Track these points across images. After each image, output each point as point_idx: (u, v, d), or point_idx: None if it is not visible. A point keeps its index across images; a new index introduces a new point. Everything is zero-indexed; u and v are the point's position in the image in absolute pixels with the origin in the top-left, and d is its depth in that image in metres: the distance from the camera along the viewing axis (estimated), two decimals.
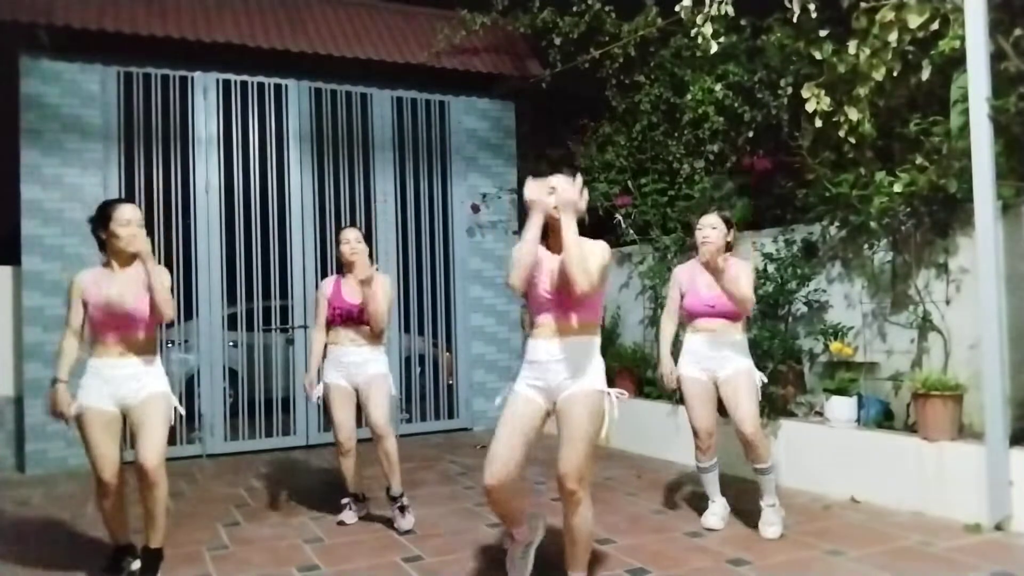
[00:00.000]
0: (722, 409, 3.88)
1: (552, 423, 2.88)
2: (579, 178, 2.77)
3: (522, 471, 2.84)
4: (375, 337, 4.08)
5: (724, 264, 3.56)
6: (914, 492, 4.06)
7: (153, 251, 3.26)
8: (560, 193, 2.73)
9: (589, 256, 2.71)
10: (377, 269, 4.03)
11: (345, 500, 4.19)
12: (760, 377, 3.82)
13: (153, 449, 3.11)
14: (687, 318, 3.96)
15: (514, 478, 2.80)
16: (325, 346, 4.13)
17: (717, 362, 3.80)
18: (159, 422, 3.17)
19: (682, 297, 3.96)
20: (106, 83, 5.97)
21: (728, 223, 3.76)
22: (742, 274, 3.65)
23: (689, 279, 3.94)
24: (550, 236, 2.84)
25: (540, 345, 2.82)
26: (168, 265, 5.50)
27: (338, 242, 4.11)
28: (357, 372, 4.04)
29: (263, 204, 6.45)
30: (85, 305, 3.19)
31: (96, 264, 3.33)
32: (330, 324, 4.10)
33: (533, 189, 2.75)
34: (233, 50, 6.19)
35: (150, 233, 3.40)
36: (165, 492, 3.18)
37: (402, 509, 3.99)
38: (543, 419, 2.87)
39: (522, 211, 7.16)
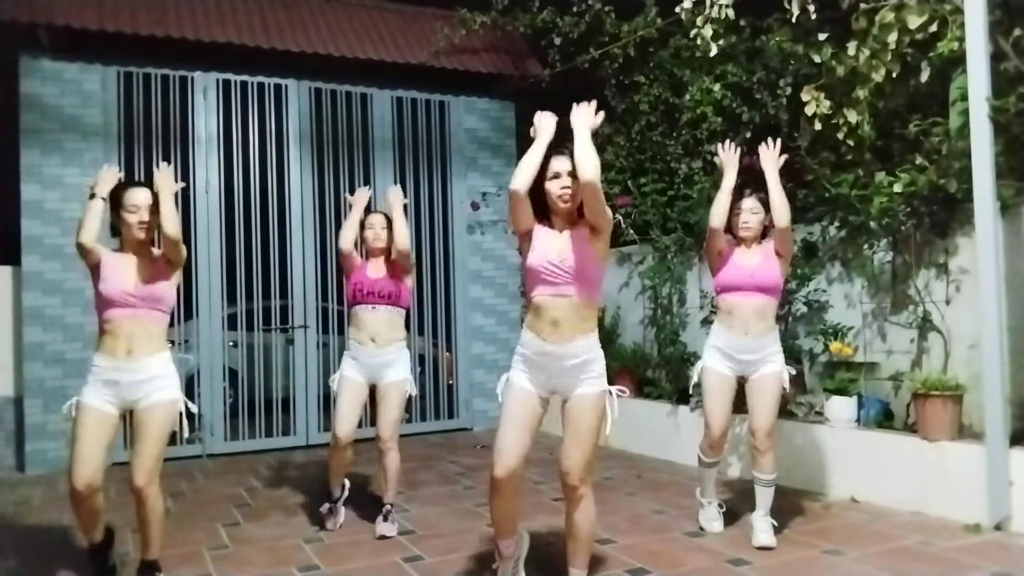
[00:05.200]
0: (738, 406, 3.79)
1: (549, 421, 2.89)
2: (593, 103, 2.75)
3: (526, 464, 2.84)
4: (396, 327, 3.95)
5: (759, 247, 3.67)
6: (914, 492, 4.06)
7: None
8: (574, 112, 2.71)
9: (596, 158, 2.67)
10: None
11: (324, 507, 4.09)
12: (789, 372, 3.69)
13: (145, 466, 3.00)
14: (721, 295, 3.77)
15: (522, 470, 2.81)
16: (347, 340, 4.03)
17: (750, 360, 3.65)
18: (157, 436, 3.05)
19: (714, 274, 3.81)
20: (106, 83, 5.97)
21: (766, 205, 3.69)
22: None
23: (726, 254, 3.78)
24: (552, 216, 2.84)
25: (542, 334, 2.77)
26: None
27: (363, 227, 4.02)
28: (377, 372, 3.94)
29: (263, 204, 6.44)
30: (98, 269, 3.10)
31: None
32: (352, 305, 3.99)
33: (544, 118, 2.77)
34: (233, 50, 6.18)
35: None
36: (159, 509, 3.07)
37: (386, 516, 3.94)
38: (544, 408, 2.87)
39: None
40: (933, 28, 4.26)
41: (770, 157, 3.69)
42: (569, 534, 2.89)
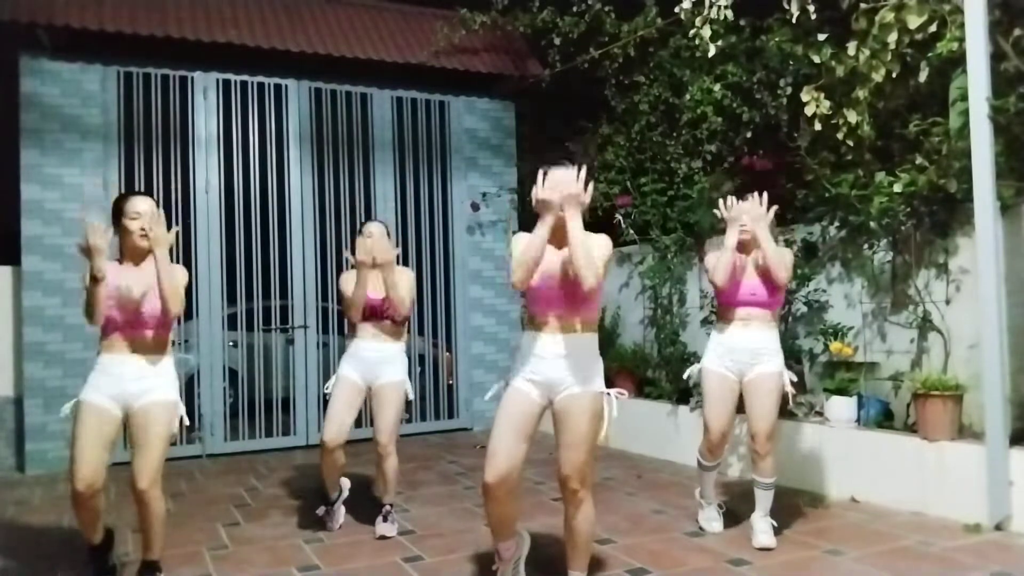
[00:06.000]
0: (738, 407, 3.77)
1: (548, 421, 2.88)
2: (583, 171, 2.73)
3: (521, 470, 2.83)
4: (396, 331, 3.97)
5: (758, 252, 3.64)
6: (914, 492, 4.07)
7: None
8: (563, 188, 2.69)
9: (593, 250, 2.69)
10: (397, 258, 3.93)
11: (321, 510, 4.09)
12: (790, 377, 3.68)
13: (147, 469, 3.00)
14: (722, 310, 3.78)
15: (515, 476, 2.78)
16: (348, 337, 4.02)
17: (749, 357, 3.63)
18: (158, 438, 3.06)
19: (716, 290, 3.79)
20: (106, 83, 5.97)
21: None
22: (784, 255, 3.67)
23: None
24: (553, 230, 2.82)
25: (542, 339, 2.79)
26: None
27: (361, 235, 3.98)
28: (374, 371, 3.94)
29: (263, 204, 6.44)
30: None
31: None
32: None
33: (545, 189, 2.70)
34: (233, 50, 6.18)
35: None
36: (161, 511, 3.07)
37: (385, 516, 3.94)
38: (541, 414, 2.86)
39: (522, 211, 7.22)
40: (933, 28, 4.26)
41: (758, 214, 3.60)
42: (568, 537, 2.88)
